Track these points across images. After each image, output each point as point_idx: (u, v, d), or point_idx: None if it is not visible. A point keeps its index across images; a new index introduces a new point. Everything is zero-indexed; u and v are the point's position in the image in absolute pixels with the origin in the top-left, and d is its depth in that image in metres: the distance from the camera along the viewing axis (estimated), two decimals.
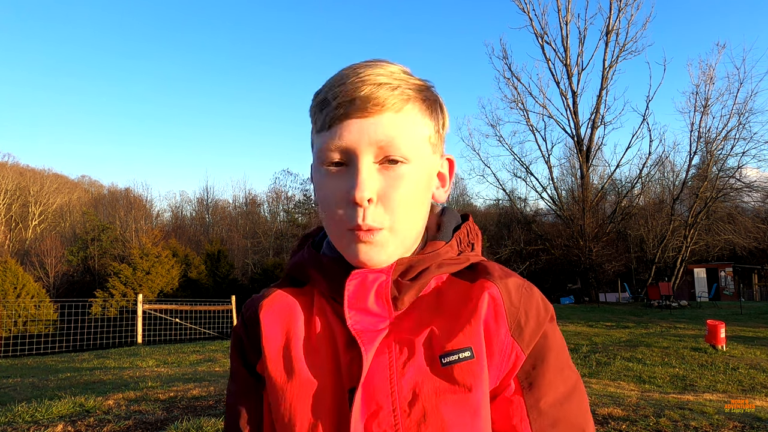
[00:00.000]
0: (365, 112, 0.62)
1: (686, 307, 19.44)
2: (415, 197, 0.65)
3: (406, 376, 0.62)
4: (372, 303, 0.65)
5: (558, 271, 29.84)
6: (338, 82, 0.63)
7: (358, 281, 0.65)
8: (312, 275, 0.71)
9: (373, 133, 0.62)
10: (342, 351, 0.65)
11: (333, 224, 0.65)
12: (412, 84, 0.65)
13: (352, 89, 0.62)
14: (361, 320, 0.64)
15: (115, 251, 31.55)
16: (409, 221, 0.64)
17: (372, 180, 0.62)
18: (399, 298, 0.65)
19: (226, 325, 15.09)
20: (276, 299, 0.71)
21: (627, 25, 26.11)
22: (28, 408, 3.65)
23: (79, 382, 5.48)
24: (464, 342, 0.63)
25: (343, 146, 0.62)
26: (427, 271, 0.66)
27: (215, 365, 7.29)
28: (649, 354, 8.63)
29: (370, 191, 0.61)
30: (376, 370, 0.63)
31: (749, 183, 26.26)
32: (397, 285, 0.66)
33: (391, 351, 0.64)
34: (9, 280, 19.84)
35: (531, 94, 27.86)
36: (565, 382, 0.67)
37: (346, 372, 0.64)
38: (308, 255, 0.73)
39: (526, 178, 29.13)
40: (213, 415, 3.65)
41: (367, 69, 0.63)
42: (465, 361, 0.62)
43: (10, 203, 41.69)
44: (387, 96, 0.62)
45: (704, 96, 25.18)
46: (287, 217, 39.38)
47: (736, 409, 4.31)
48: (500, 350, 0.65)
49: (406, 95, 0.64)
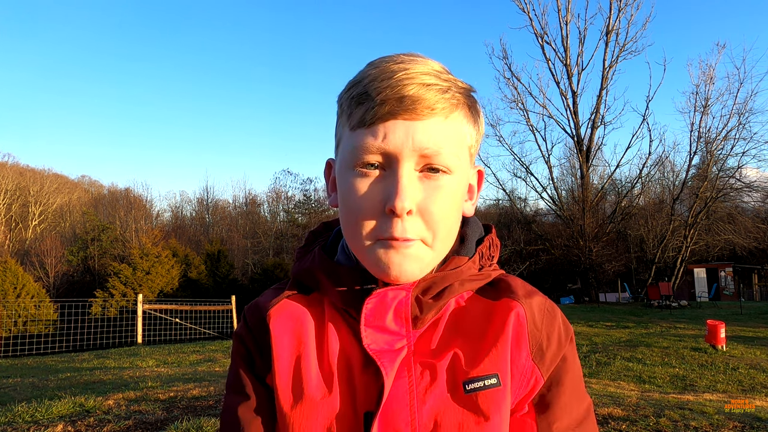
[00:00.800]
0: (414, 114, 0.56)
1: (686, 307, 19.43)
2: (453, 210, 0.60)
3: (427, 404, 0.59)
4: (390, 321, 0.61)
5: (558, 271, 29.83)
6: (382, 75, 0.57)
7: (376, 300, 0.60)
8: (324, 284, 0.65)
9: (420, 140, 0.56)
10: (357, 371, 0.61)
11: (360, 233, 0.58)
12: (461, 87, 0.60)
13: (399, 86, 0.56)
14: (377, 339, 0.60)
15: (115, 251, 31.56)
16: (446, 236, 0.60)
17: (413, 189, 0.56)
18: (420, 318, 0.61)
19: (226, 325, 15.09)
20: (285, 309, 0.66)
21: (627, 25, 26.12)
22: (28, 408, 3.65)
23: (79, 382, 5.47)
24: (490, 368, 0.60)
25: (384, 149, 0.56)
26: (449, 289, 0.62)
27: (215, 365, 7.29)
28: (649, 354, 8.62)
29: (411, 202, 0.56)
30: (395, 396, 0.59)
31: (749, 183, 26.25)
32: (418, 303, 0.61)
33: (411, 375, 0.60)
34: (9, 280, 19.83)
35: (531, 94, 27.86)
36: (578, 408, 0.64)
37: (362, 393, 0.60)
38: (319, 261, 0.66)
39: (526, 178, 29.11)
40: (213, 415, 3.65)
41: (414, 65, 0.57)
42: (490, 389, 0.59)
43: (10, 203, 41.67)
44: (437, 99, 0.57)
45: (704, 96, 25.19)
46: (287, 217, 39.37)
47: (736, 409, 4.30)
48: (520, 374, 0.62)
49: (456, 100, 0.59)
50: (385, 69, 0.57)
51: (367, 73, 0.58)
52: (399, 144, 0.56)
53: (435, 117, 0.57)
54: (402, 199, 0.55)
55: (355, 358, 0.62)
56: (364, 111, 0.57)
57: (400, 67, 0.57)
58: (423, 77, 0.56)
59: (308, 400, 0.60)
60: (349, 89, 0.60)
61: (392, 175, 0.57)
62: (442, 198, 0.58)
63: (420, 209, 0.57)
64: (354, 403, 0.60)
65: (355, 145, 0.58)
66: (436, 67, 0.59)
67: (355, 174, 0.58)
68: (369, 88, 0.57)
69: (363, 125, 0.57)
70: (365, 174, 0.58)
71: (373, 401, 0.59)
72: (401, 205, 0.55)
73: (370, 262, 0.59)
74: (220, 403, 4.09)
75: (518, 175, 29.37)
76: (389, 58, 0.59)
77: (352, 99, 0.59)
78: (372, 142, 0.56)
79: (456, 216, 0.61)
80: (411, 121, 0.56)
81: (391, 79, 0.56)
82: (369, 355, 0.60)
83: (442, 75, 0.58)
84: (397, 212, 0.55)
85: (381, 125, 0.56)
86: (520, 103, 27.81)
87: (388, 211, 0.56)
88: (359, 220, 0.58)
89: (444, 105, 0.57)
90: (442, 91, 0.57)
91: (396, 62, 0.58)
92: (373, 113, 0.56)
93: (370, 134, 0.57)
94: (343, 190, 0.60)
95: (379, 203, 0.57)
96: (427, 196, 0.57)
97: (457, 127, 0.59)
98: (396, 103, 0.56)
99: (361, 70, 0.61)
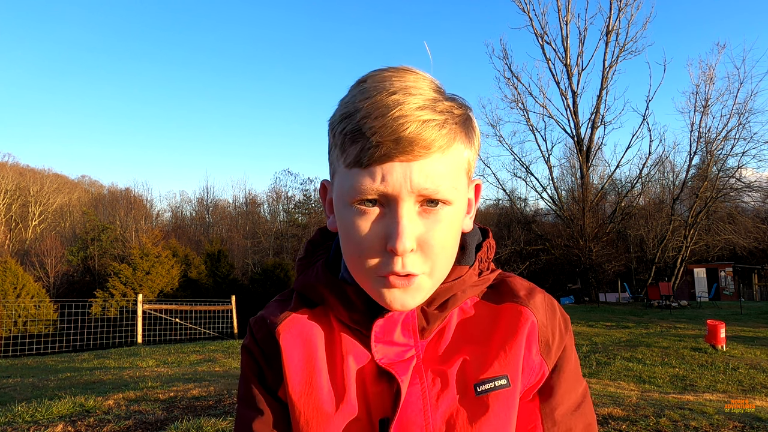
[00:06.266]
0: (411, 155, 0.55)
1: (686, 307, 19.42)
2: (453, 237, 0.61)
3: (440, 408, 0.61)
4: (399, 335, 0.63)
5: (558, 271, 29.84)
6: (376, 111, 0.55)
7: (384, 320, 0.63)
8: (330, 301, 0.66)
9: (418, 181, 0.55)
10: (370, 382, 0.63)
11: (363, 268, 0.59)
12: (457, 116, 0.58)
13: (394, 126, 0.54)
14: (387, 353, 0.63)
15: (115, 251, 31.56)
16: (445, 263, 0.61)
17: (413, 227, 0.57)
18: (427, 328, 0.64)
19: (226, 325, 15.08)
20: (294, 324, 0.67)
21: (627, 25, 26.15)
22: (28, 408, 3.65)
23: (79, 382, 5.47)
24: (500, 370, 0.63)
25: (383, 191, 0.56)
26: (453, 299, 0.64)
27: (215, 365, 7.29)
28: (649, 354, 8.63)
29: (412, 241, 0.56)
30: (409, 402, 0.61)
31: (749, 183, 26.25)
32: (424, 314, 0.63)
33: (423, 382, 0.62)
34: (9, 280, 19.82)
35: (531, 94, 27.88)
36: (576, 391, 0.68)
37: (376, 403, 0.62)
38: (324, 278, 0.67)
39: (526, 178, 29.13)
40: (213, 415, 3.65)
41: (408, 97, 0.55)
42: (500, 389, 0.62)
43: (10, 203, 41.68)
44: (435, 137, 0.55)
45: (704, 96, 25.19)
46: (287, 217, 39.39)
47: (736, 409, 4.30)
48: (530, 369, 0.65)
49: (452, 132, 0.57)
50: (377, 103, 0.55)
51: (359, 106, 0.56)
52: (398, 186, 0.55)
53: (432, 155, 0.56)
54: (403, 241, 0.55)
55: (367, 370, 0.64)
56: (359, 150, 0.56)
57: (394, 100, 0.55)
58: (418, 113, 0.55)
59: (323, 414, 0.62)
60: (341, 120, 0.58)
61: (392, 214, 0.57)
62: (442, 230, 0.58)
63: (420, 244, 0.58)
64: (369, 413, 0.62)
65: (352, 185, 0.57)
66: (430, 95, 0.57)
67: (354, 212, 0.58)
68: (363, 126, 0.55)
69: (359, 165, 0.56)
70: (364, 212, 0.58)
71: (388, 409, 0.61)
72: (402, 247, 0.55)
73: (374, 295, 0.60)
74: (220, 403, 4.09)
75: (518, 175, 29.42)
76: (381, 82, 0.57)
77: (346, 135, 0.57)
78: (370, 184, 0.56)
79: (455, 242, 0.62)
80: (407, 162, 0.55)
81: (386, 117, 0.54)
82: (380, 368, 0.62)
83: (437, 105, 0.56)
84: (398, 253, 0.56)
85: (378, 167, 0.55)
86: (520, 103, 27.86)
87: (390, 251, 0.56)
88: (362, 257, 0.59)
89: (442, 142, 0.56)
90: (438, 126, 0.56)
91: (389, 92, 0.56)
92: (369, 155, 0.55)
93: (367, 175, 0.56)
94: (344, 226, 0.60)
95: (380, 241, 0.57)
96: (427, 230, 0.58)
97: (455, 158, 0.59)
98: (392, 145, 0.54)
99: (352, 95, 0.59)
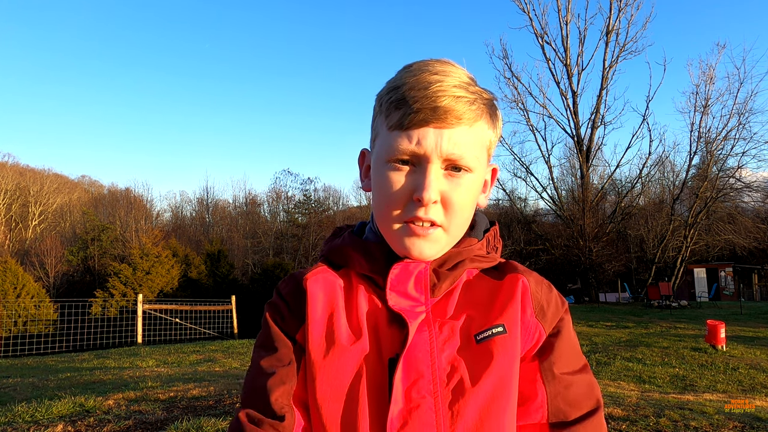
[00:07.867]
0: (444, 122, 0.66)
1: (686, 307, 19.41)
2: (470, 203, 0.71)
3: (445, 352, 0.68)
4: (411, 288, 0.71)
5: (558, 271, 29.80)
6: (419, 84, 0.66)
7: (400, 268, 0.71)
8: (352, 257, 0.75)
9: (447, 146, 0.66)
10: (382, 326, 0.70)
11: (390, 215, 0.69)
12: (485, 99, 0.70)
13: (433, 97, 0.65)
14: (400, 302, 0.70)
15: (115, 251, 31.54)
16: (461, 224, 0.71)
17: (438, 184, 0.67)
18: (437, 286, 0.71)
19: (226, 325, 15.08)
20: (320, 274, 0.76)
21: (627, 25, 26.16)
22: (28, 408, 3.65)
23: (79, 382, 5.47)
24: (497, 322, 0.70)
25: (416, 152, 0.66)
26: (462, 263, 0.73)
27: (215, 365, 7.29)
28: (649, 354, 8.63)
29: (436, 194, 0.67)
30: (416, 344, 0.68)
31: (749, 183, 26.24)
32: (435, 273, 0.72)
33: (431, 329, 0.70)
34: (9, 280, 19.83)
35: (531, 94, 27.91)
36: (576, 361, 0.74)
37: (386, 343, 0.69)
38: (350, 240, 0.77)
39: (526, 178, 29.15)
40: (213, 415, 3.65)
41: (447, 77, 0.67)
42: (498, 336, 0.69)
43: (10, 203, 41.69)
44: (465, 111, 0.66)
45: (704, 96, 25.22)
46: (287, 217, 39.33)
47: (736, 409, 4.31)
48: (526, 329, 0.72)
49: (480, 110, 0.69)
50: (421, 79, 0.67)
51: (406, 80, 0.68)
52: (429, 149, 0.66)
53: (461, 126, 0.67)
54: (429, 191, 0.66)
55: (381, 316, 0.71)
56: (401, 116, 0.67)
57: (435, 78, 0.66)
58: (454, 90, 0.66)
59: (339, 347, 0.69)
60: (388, 92, 0.70)
61: (421, 171, 0.67)
62: (462, 192, 0.69)
63: (442, 199, 0.68)
64: (380, 351, 0.69)
65: (391, 144, 0.68)
66: (464, 79, 0.68)
67: (389, 167, 0.69)
68: (407, 95, 0.67)
69: (400, 128, 0.67)
70: (398, 168, 0.68)
71: (398, 350, 0.68)
72: (428, 196, 0.66)
73: (395, 242, 0.70)
74: (221, 403, 4.09)
75: (518, 175, 29.45)
76: (425, 66, 0.69)
77: (391, 103, 0.68)
78: (407, 144, 0.67)
79: (472, 207, 0.72)
80: (440, 128, 0.66)
81: (427, 89, 0.66)
82: (393, 313, 0.70)
83: (470, 87, 0.68)
84: (424, 202, 0.66)
85: (415, 131, 0.66)
86: (520, 103, 27.87)
87: (416, 200, 0.67)
88: (390, 205, 0.69)
89: (470, 115, 0.67)
90: (469, 103, 0.67)
91: (431, 72, 0.67)
92: (409, 119, 0.66)
93: (405, 137, 0.67)
94: (378, 180, 0.71)
95: (408, 193, 0.68)
96: (450, 190, 0.68)
97: (479, 133, 0.70)
98: (429, 113, 0.65)
99: (400, 74, 0.70)
